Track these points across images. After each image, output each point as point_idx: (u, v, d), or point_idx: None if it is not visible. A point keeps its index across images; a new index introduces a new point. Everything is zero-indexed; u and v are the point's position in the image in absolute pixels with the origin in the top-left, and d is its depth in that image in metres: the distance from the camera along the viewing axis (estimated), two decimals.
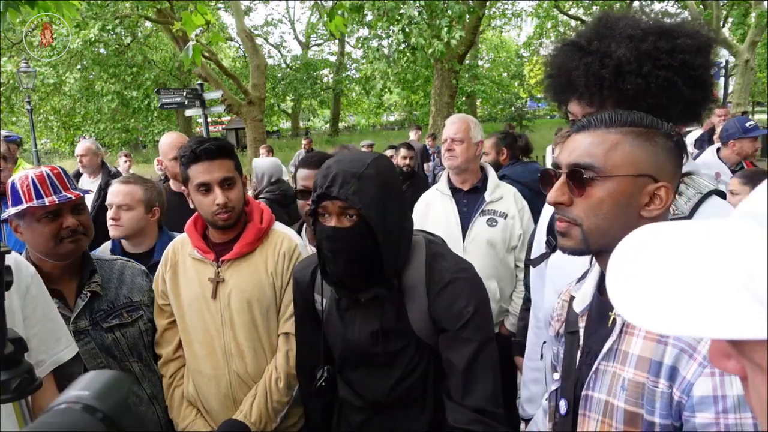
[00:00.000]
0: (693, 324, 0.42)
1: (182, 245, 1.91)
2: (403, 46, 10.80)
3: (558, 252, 1.08)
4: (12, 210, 1.64)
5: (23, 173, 1.67)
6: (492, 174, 2.72)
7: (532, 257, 1.71)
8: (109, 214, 2.22)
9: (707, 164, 3.85)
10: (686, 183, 1.22)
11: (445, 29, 9.99)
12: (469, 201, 2.66)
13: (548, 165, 2.25)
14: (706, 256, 0.45)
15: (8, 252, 0.97)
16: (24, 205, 1.62)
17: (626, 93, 1.18)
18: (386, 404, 1.50)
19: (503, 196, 2.64)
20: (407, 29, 10.02)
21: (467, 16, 10.95)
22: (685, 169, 1.26)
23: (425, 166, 7.79)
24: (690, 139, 6.71)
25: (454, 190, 2.69)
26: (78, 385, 0.58)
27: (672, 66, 1.13)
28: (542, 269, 1.63)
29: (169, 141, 3.15)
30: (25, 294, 1.39)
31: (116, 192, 2.25)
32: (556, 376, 1.15)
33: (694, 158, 4.16)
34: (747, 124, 3.86)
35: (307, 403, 1.75)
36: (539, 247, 1.70)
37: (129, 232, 2.25)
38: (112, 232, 2.25)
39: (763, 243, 0.40)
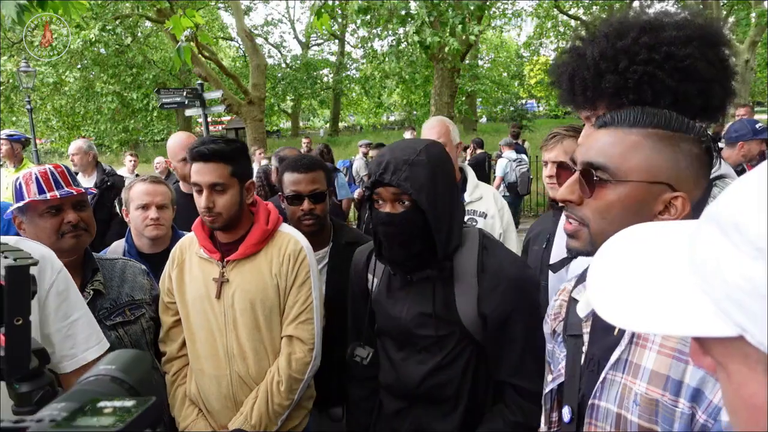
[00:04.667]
0: (655, 321, 0.46)
1: (190, 244, 1.92)
2: (404, 45, 10.81)
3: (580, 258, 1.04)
4: (15, 205, 1.68)
5: (27, 171, 1.71)
6: (471, 174, 2.73)
7: (551, 262, 1.69)
8: (151, 214, 2.19)
9: None
10: (719, 186, 1.20)
11: (459, 27, 9.97)
12: None
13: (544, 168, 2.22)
14: (675, 257, 0.49)
15: (35, 264, 0.97)
16: (26, 200, 1.65)
17: (608, 92, 1.15)
18: (418, 395, 1.52)
19: (482, 195, 2.65)
20: (420, 29, 10.02)
21: (466, 13, 10.94)
22: (718, 172, 1.25)
23: None
24: None
25: None
26: (104, 361, 0.64)
27: (653, 60, 1.09)
28: (563, 275, 1.61)
29: (178, 142, 3.04)
30: (47, 291, 1.38)
31: (152, 192, 2.22)
32: (550, 377, 1.13)
33: None
34: (757, 126, 3.84)
35: (352, 391, 1.79)
36: (560, 251, 1.68)
37: (167, 231, 2.26)
38: (155, 231, 2.20)
39: (718, 246, 0.42)
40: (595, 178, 0.93)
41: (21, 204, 1.66)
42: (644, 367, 0.90)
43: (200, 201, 1.76)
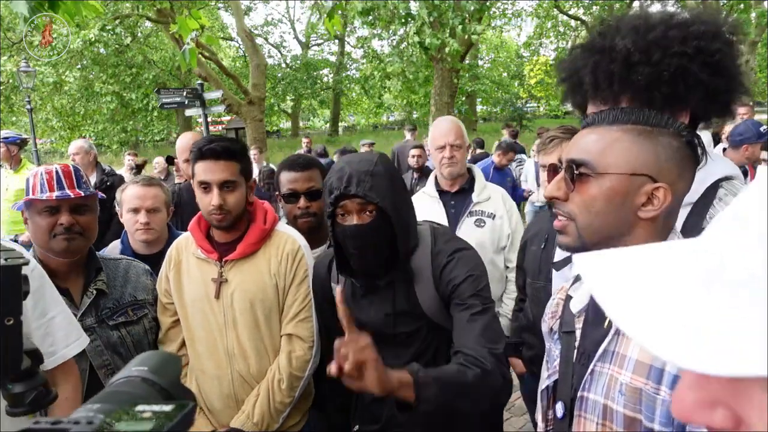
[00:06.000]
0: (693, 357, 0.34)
1: (186, 244, 1.91)
2: (404, 45, 10.84)
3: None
4: (22, 200, 1.72)
5: (38, 168, 1.75)
6: (479, 174, 2.70)
7: (555, 260, 1.69)
8: (140, 218, 2.17)
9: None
10: (724, 187, 1.18)
11: (459, 27, 9.98)
12: (457, 202, 2.64)
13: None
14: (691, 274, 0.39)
15: (26, 263, 0.96)
16: (29, 197, 1.69)
17: (638, 84, 1.14)
18: None
19: (491, 196, 2.62)
20: (420, 30, 10.03)
21: (466, 14, 10.95)
22: (725, 173, 1.24)
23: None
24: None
25: (441, 192, 2.67)
26: (134, 362, 0.63)
27: (685, 53, 1.08)
28: (566, 273, 1.61)
29: (186, 142, 3.06)
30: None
31: (143, 195, 2.19)
32: (546, 374, 1.15)
33: None
34: (761, 129, 3.83)
35: (327, 402, 1.81)
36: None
37: (159, 234, 2.23)
38: (145, 236, 2.18)
39: (756, 250, 0.35)
40: (576, 173, 0.96)
41: (25, 200, 1.71)
42: (629, 357, 0.92)
43: (208, 199, 1.74)
